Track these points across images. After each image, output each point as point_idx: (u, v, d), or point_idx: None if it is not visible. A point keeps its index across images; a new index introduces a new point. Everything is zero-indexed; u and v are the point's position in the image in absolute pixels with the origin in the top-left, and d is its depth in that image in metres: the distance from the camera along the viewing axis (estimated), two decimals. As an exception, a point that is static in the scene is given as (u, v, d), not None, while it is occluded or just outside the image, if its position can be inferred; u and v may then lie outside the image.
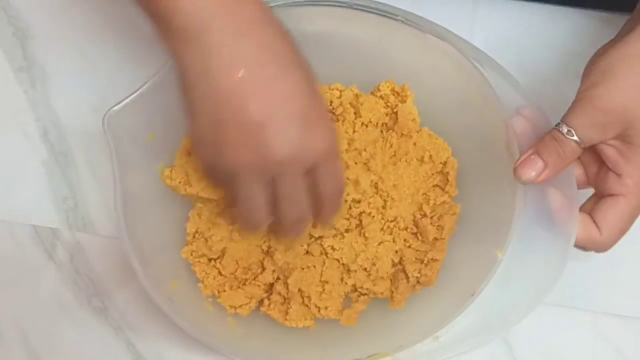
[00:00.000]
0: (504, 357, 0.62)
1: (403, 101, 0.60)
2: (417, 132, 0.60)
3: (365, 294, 0.59)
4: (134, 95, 0.54)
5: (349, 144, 0.59)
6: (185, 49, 0.45)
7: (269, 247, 0.59)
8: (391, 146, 0.60)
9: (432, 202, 0.59)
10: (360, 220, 0.59)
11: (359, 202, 0.59)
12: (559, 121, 0.52)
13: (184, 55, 0.45)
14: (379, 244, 0.58)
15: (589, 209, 0.53)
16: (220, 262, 0.58)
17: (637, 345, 0.62)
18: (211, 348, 0.56)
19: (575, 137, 0.50)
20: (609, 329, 0.62)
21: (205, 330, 0.56)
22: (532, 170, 0.51)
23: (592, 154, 0.53)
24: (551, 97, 0.64)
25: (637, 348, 0.62)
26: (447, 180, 0.59)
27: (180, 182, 0.57)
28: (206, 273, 0.59)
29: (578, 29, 0.66)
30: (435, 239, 0.58)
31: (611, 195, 0.52)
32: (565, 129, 0.51)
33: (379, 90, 0.61)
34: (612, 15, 0.66)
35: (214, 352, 0.58)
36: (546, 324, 0.62)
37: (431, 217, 0.59)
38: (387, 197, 0.59)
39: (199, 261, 0.59)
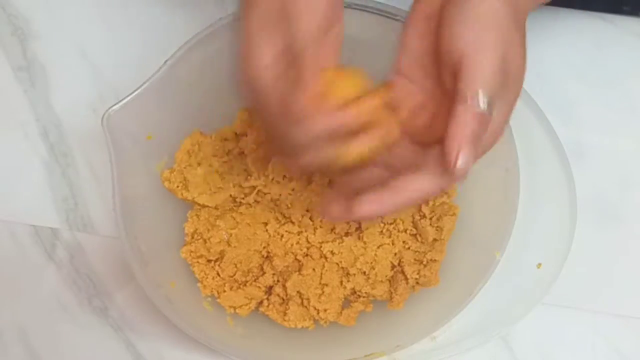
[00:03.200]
0: (504, 357, 0.62)
1: (402, 102, 0.60)
2: (417, 132, 0.60)
3: (364, 297, 0.59)
4: (133, 95, 0.53)
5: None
6: None
7: (269, 253, 0.59)
8: (390, 147, 0.60)
9: (431, 203, 0.59)
10: (360, 224, 0.59)
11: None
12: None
13: None
14: (378, 247, 0.58)
15: None
16: (219, 265, 0.58)
17: (637, 345, 0.62)
18: (210, 348, 0.56)
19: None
20: (609, 329, 0.62)
21: (204, 330, 0.56)
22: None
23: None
24: (551, 97, 0.64)
25: (637, 348, 0.62)
26: (447, 181, 0.59)
27: (177, 186, 0.57)
28: (205, 273, 0.58)
29: (578, 29, 0.66)
30: (435, 240, 0.58)
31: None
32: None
33: (378, 90, 0.60)
34: (612, 16, 0.66)
35: (214, 352, 0.58)
36: (546, 324, 0.62)
37: (430, 218, 0.58)
38: (387, 198, 0.59)
39: (198, 261, 0.59)
